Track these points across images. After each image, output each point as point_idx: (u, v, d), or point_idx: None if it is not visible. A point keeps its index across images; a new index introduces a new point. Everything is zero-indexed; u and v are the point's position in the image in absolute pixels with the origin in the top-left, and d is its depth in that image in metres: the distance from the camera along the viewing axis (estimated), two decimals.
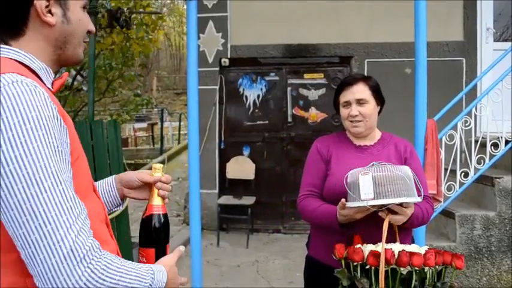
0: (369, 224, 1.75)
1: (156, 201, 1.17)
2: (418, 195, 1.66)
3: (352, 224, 1.76)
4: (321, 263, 1.93)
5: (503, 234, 3.49)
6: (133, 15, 6.42)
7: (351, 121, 1.93)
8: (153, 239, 1.14)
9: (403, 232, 1.81)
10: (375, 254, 1.51)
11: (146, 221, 1.15)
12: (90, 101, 3.73)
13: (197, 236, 3.07)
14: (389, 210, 1.64)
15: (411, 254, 1.50)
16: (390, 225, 1.75)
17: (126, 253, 3.54)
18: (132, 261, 0.94)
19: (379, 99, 1.96)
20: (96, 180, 1.18)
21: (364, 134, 1.96)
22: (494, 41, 5.24)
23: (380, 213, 1.65)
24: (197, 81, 3.07)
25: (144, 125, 15.04)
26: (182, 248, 1.15)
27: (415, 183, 1.66)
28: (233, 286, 4.10)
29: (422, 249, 1.59)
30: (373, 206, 1.60)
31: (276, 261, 4.76)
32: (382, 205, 1.61)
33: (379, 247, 1.53)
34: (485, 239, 3.50)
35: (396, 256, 1.49)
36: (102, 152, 3.50)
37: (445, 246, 3.52)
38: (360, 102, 1.90)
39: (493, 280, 3.50)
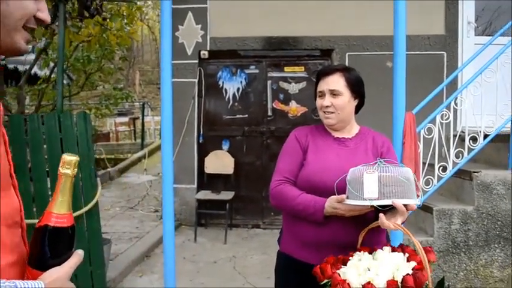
0: (348, 220, 1.71)
1: (58, 207, 0.84)
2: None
3: (332, 219, 1.72)
4: (294, 258, 1.86)
5: (481, 229, 3.46)
6: (110, 6, 6.26)
7: (324, 112, 1.88)
8: (41, 260, 0.84)
9: (377, 228, 1.74)
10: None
11: (37, 234, 0.84)
12: (59, 92, 3.58)
13: (170, 233, 2.97)
14: (383, 211, 1.59)
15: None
16: (365, 222, 1.68)
17: (96, 251, 3.42)
18: (103, 258, 0.79)
19: (356, 92, 1.88)
20: None
21: (337, 126, 1.90)
22: (477, 35, 5.21)
23: (381, 218, 1.58)
24: (171, 72, 2.98)
25: (125, 119, 14.82)
26: (80, 253, 0.90)
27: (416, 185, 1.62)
28: (208, 282, 4.00)
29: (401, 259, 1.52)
30: (372, 206, 1.56)
31: (254, 257, 4.68)
32: (382, 206, 1.56)
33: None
34: (463, 234, 3.46)
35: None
36: (71, 145, 3.37)
37: (422, 241, 3.47)
38: (333, 93, 1.84)
39: (470, 275, 3.46)
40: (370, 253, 1.58)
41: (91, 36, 6.27)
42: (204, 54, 5.61)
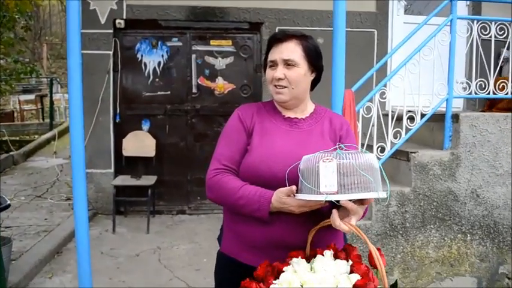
0: (300, 218, 1.41)
1: None
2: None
3: (282, 216, 1.42)
4: (237, 261, 1.54)
5: (418, 210, 3.38)
6: None
7: (275, 85, 1.55)
8: None
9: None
10: None
11: None
12: None
13: (83, 226, 2.53)
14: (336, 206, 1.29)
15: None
16: (321, 218, 1.38)
17: None
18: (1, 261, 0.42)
19: (314, 65, 1.57)
20: None
21: (290, 104, 1.59)
22: (406, 14, 5.16)
23: (334, 216, 1.29)
24: (79, 41, 2.46)
25: (31, 96, 13.45)
26: None
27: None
28: (130, 280, 3.57)
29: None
30: (327, 201, 1.25)
31: (181, 247, 4.30)
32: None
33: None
34: (400, 216, 3.36)
35: None
36: None
37: (360, 225, 3.32)
38: (287, 63, 1.52)
39: (407, 257, 3.38)
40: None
41: None
42: (120, 23, 5.01)
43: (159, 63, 5.21)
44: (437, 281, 3.42)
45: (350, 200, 1.25)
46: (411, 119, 3.44)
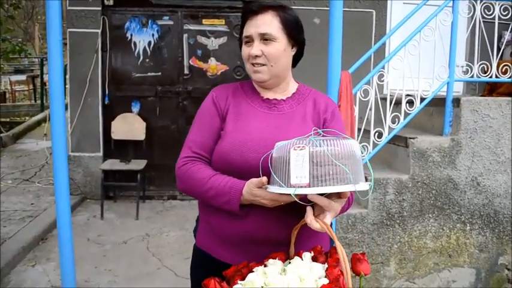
0: (275, 211, 1.25)
1: None
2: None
3: (255, 209, 1.26)
4: (211, 257, 1.40)
5: (416, 198, 3.24)
6: None
7: (252, 64, 1.37)
8: None
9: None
10: None
11: None
12: None
13: (65, 213, 2.42)
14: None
15: None
16: (300, 211, 1.21)
17: None
18: None
19: (295, 38, 1.39)
20: None
21: (270, 83, 1.41)
22: None
23: (307, 212, 1.14)
24: (60, 14, 2.29)
25: (23, 77, 13.18)
26: None
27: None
28: (117, 269, 3.45)
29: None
30: (297, 195, 1.07)
31: (171, 234, 4.18)
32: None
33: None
34: (398, 204, 3.23)
35: None
36: None
37: (356, 214, 3.19)
38: (264, 37, 1.34)
39: (404, 247, 3.26)
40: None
41: None
42: (109, 0, 4.79)
43: (150, 42, 5.00)
44: (435, 272, 3.31)
45: (323, 194, 1.10)
46: (410, 103, 3.28)
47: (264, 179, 1.17)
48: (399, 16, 4.53)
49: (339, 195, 1.13)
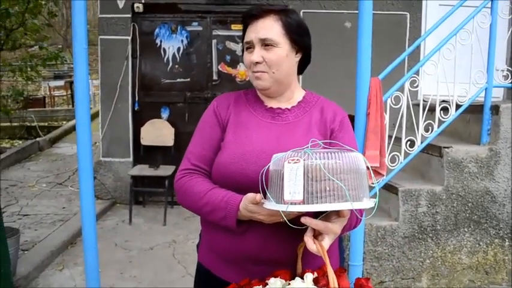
0: (275, 228, 1.16)
1: None
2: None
3: (255, 225, 1.18)
4: (211, 273, 1.33)
5: (450, 211, 3.08)
6: None
7: (253, 71, 1.29)
8: None
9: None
10: None
11: None
12: None
13: (90, 219, 2.40)
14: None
15: None
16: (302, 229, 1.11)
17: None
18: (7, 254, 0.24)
19: (298, 43, 1.29)
20: None
21: (272, 91, 1.32)
22: None
23: (307, 235, 1.05)
24: (85, 22, 2.28)
25: (61, 82, 13.59)
26: None
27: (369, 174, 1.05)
28: (141, 275, 3.43)
29: None
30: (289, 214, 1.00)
31: (197, 241, 4.12)
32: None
33: None
34: (431, 217, 3.07)
35: None
36: None
37: (386, 226, 3.06)
38: (265, 43, 1.25)
39: (436, 262, 3.10)
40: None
41: None
42: (138, 7, 4.84)
43: (179, 48, 5.01)
44: None
45: (321, 213, 1.00)
46: (445, 110, 3.12)
47: (258, 196, 1.09)
48: (435, 18, 4.35)
49: (337, 214, 1.04)
